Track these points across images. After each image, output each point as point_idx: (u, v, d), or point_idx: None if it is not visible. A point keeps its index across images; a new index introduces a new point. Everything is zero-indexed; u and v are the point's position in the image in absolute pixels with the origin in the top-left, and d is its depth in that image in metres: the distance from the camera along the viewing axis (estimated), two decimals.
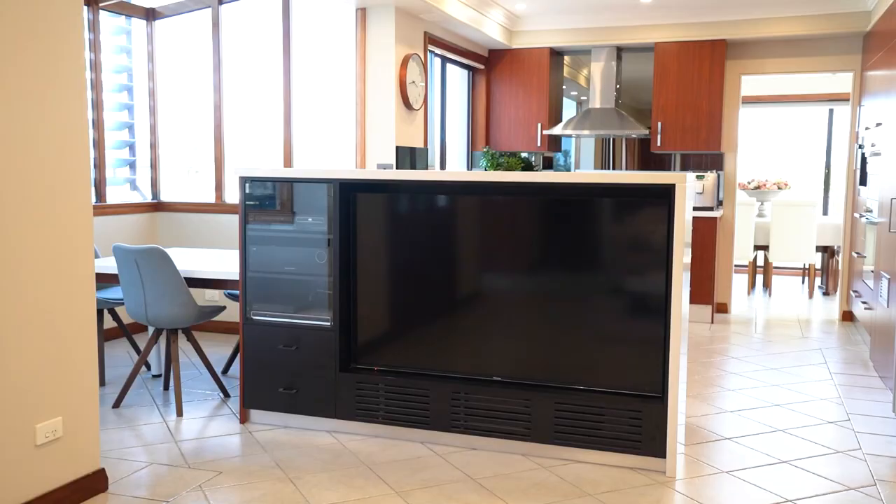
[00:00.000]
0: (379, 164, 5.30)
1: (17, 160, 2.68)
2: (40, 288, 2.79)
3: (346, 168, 5.37)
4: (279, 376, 3.80)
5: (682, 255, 3.21)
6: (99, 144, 5.57)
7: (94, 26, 5.47)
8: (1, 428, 2.68)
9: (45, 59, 2.76)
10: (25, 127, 2.70)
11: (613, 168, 9.68)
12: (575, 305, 3.45)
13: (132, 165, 6.00)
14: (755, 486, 3.20)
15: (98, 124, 5.54)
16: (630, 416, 3.33)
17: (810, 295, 8.11)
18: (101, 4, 5.49)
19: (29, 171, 2.72)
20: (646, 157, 8.87)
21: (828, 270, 8.41)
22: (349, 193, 3.71)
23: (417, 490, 3.12)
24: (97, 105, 5.52)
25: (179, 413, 4.01)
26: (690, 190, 3.33)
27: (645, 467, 3.35)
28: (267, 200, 3.77)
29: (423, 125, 6.02)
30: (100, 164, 5.59)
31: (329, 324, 3.71)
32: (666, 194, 3.28)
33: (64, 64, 2.83)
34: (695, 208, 6.74)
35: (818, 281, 8.95)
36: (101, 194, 5.62)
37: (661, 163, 8.36)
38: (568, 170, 8.77)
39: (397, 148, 5.59)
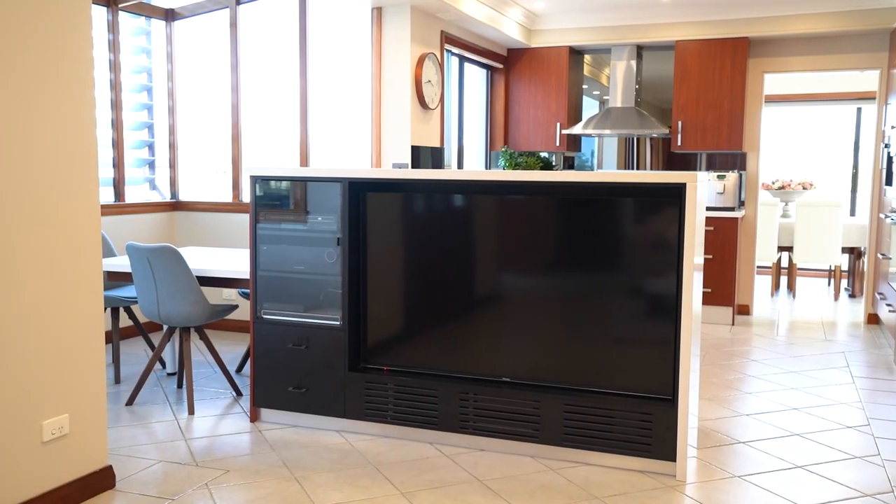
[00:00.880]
0: (394, 164, 5.29)
1: (20, 159, 2.70)
2: (46, 285, 2.81)
3: (355, 167, 5.37)
4: (289, 375, 3.80)
5: (693, 255, 3.16)
6: (118, 144, 5.62)
7: (113, 27, 5.52)
8: (7, 425, 2.70)
9: (48, 57, 2.77)
10: (27, 126, 2.72)
11: (638, 168, 9.58)
12: (585, 306, 3.40)
13: (151, 165, 6.06)
14: (767, 491, 3.14)
15: (117, 124, 5.59)
16: (640, 418, 3.28)
17: (836, 297, 7.96)
18: (120, 5, 5.55)
19: (32, 169, 2.74)
20: (670, 156, 8.76)
21: (854, 272, 8.25)
22: (359, 193, 3.70)
23: (423, 491, 3.09)
24: (116, 105, 5.57)
25: (191, 411, 4.03)
26: (702, 189, 3.27)
27: (655, 471, 3.30)
28: (277, 199, 3.77)
29: (439, 125, 6.00)
30: (119, 164, 5.64)
31: (339, 323, 3.70)
32: (678, 194, 3.23)
33: (67, 63, 2.84)
34: (716, 208, 6.64)
35: (844, 283, 8.79)
36: (119, 193, 5.67)
37: (686, 163, 8.25)
38: (591, 169, 8.70)
39: (413, 147, 5.58)
